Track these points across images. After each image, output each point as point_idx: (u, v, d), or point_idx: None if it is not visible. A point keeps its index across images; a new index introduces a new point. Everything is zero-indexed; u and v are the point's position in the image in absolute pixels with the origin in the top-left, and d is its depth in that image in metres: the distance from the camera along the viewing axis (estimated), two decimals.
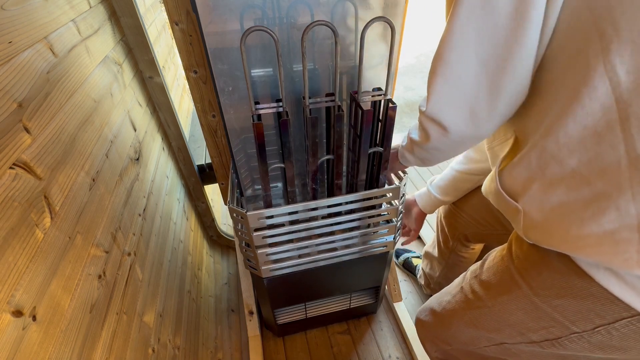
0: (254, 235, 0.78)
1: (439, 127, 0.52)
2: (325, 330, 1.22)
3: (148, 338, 0.70)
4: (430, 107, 0.50)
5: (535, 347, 0.53)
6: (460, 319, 0.65)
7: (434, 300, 0.76)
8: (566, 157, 0.40)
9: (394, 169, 0.82)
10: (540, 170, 0.44)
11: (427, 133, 0.55)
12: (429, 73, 0.49)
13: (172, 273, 0.93)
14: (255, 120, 0.64)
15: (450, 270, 1.11)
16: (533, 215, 0.46)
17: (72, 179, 0.55)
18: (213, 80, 0.73)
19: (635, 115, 0.34)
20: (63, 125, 0.56)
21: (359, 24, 0.72)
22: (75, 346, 0.47)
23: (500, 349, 0.60)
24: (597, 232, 0.38)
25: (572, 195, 0.40)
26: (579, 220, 0.40)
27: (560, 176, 0.41)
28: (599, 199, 0.38)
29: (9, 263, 0.39)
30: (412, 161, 0.68)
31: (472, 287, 0.62)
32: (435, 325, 0.74)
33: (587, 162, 0.38)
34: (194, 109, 1.14)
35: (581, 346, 0.47)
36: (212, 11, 0.65)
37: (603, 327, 0.43)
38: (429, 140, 0.56)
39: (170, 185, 1.10)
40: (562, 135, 0.40)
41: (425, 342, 0.82)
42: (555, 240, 0.43)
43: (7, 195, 0.41)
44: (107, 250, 0.61)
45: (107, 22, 0.85)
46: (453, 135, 0.51)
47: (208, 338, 1.07)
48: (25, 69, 0.50)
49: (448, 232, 1.03)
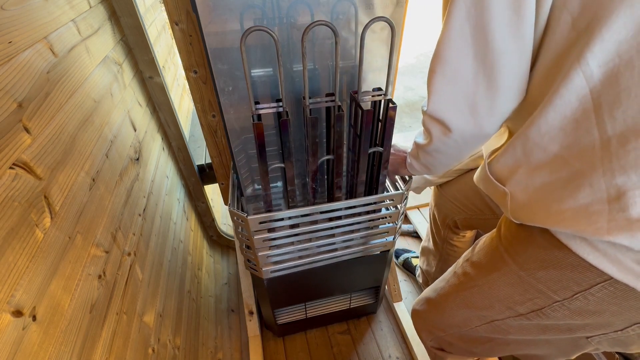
0: (255, 238, 0.78)
1: (441, 126, 0.53)
2: (325, 330, 1.22)
3: (148, 338, 0.70)
4: (431, 106, 0.51)
5: (522, 319, 0.56)
6: (453, 302, 0.68)
7: (429, 289, 0.78)
8: (549, 144, 0.44)
9: (399, 172, 0.82)
10: (525, 156, 0.47)
11: (429, 133, 0.56)
12: (429, 72, 0.50)
13: (172, 273, 0.93)
14: (255, 120, 0.64)
15: (445, 263, 1.13)
16: (519, 196, 0.49)
17: (72, 179, 0.55)
18: (213, 80, 0.73)
19: (607, 102, 0.38)
20: (63, 125, 0.56)
21: (359, 24, 0.72)
22: (75, 346, 0.47)
23: (491, 326, 0.63)
24: (573, 207, 0.42)
25: (553, 177, 0.44)
26: (559, 197, 0.44)
27: (544, 161, 0.45)
28: (575, 177, 0.42)
29: (9, 263, 0.39)
30: (418, 168, 0.69)
31: (464, 270, 0.65)
32: (430, 313, 0.76)
33: (567, 147, 0.42)
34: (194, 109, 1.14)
35: (562, 314, 0.50)
36: (212, 11, 0.65)
37: (580, 293, 0.46)
38: (432, 141, 0.57)
39: (170, 185, 1.10)
40: (543, 124, 0.43)
41: (421, 332, 0.84)
42: (538, 217, 0.47)
43: (7, 195, 0.41)
44: (107, 250, 0.61)
45: (107, 22, 0.85)
46: (455, 134, 0.52)
47: (208, 338, 1.07)
48: (25, 69, 0.49)
49: (439, 220, 1.06)
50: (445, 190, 1.00)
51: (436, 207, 1.06)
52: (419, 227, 1.57)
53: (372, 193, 0.89)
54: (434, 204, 1.07)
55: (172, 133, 1.16)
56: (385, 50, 0.76)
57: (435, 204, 1.06)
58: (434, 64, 0.48)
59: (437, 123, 0.53)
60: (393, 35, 0.62)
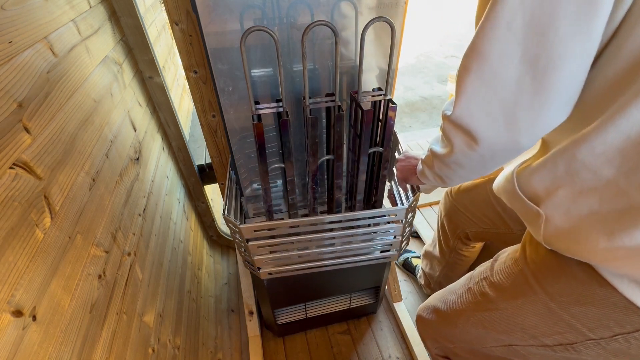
0: (250, 244, 0.77)
1: (466, 136, 0.45)
2: (325, 331, 1.22)
3: (148, 338, 0.70)
4: (458, 111, 0.43)
5: (547, 350, 0.53)
6: (467, 319, 0.64)
7: (437, 298, 0.75)
8: (602, 167, 0.37)
9: (409, 180, 0.76)
10: (569, 177, 0.41)
11: (451, 143, 0.48)
12: (460, 70, 0.42)
13: (172, 273, 0.93)
14: (255, 120, 0.64)
15: (451, 270, 1.11)
16: (557, 222, 0.43)
17: (72, 179, 0.55)
18: (213, 80, 0.73)
19: None
20: (63, 125, 0.56)
21: (359, 24, 0.72)
22: (75, 346, 0.47)
23: (508, 350, 0.60)
24: (629, 246, 0.37)
25: (604, 206, 0.38)
26: (610, 231, 0.38)
27: (594, 186, 0.39)
28: (634, 211, 0.36)
29: (9, 263, 0.39)
30: (431, 178, 0.62)
31: (481, 289, 0.61)
32: (438, 324, 0.73)
33: (626, 174, 0.36)
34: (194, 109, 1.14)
35: (596, 352, 0.47)
36: (212, 11, 0.65)
37: (622, 335, 0.43)
38: (453, 152, 0.49)
39: (170, 185, 1.10)
40: (599, 144, 0.37)
41: (426, 339, 0.81)
42: (581, 250, 0.41)
43: (7, 195, 0.41)
44: (107, 250, 0.61)
45: (107, 22, 0.85)
46: (482, 147, 0.45)
47: (208, 338, 1.07)
48: (26, 69, 0.49)
49: (449, 231, 1.03)
50: (457, 200, 0.96)
51: (446, 216, 1.02)
52: (419, 227, 1.57)
53: (372, 196, 0.89)
54: (444, 213, 1.03)
55: (172, 133, 1.16)
56: (385, 50, 0.76)
57: (445, 214, 1.02)
58: (469, 59, 0.40)
59: (461, 132, 0.45)
60: (393, 35, 0.63)
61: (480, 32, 0.38)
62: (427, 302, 0.79)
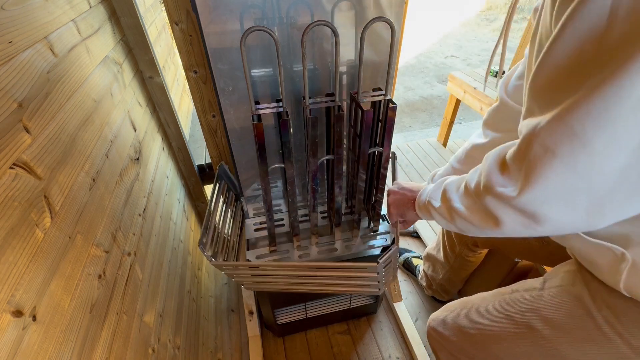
0: (235, 273, 0.77)
1: (527, 218, 0.38)
2: (326, 331, 1.22)
3: (148, 338, 0.70)
4: (529, 197, 0.36)
5: None
6: (508, 349, 0.59)
7: (459, 315, 0.70)
8: None
9: (405, 215, 0.71)
10: None
11: (499, 220, 0.41)
12: (537, 149, 0.34)
13: (172, 273, 0.93)
14: (255, 121, 0.64)
15: (455, 274, 1.10)
16: None
17: (72, 179, 0.55)
18: (213, 80, 0.73)
19: None
20: (63, 125, 0.56)
21: (359, 24, 0.72)
22: (75, 346, 0.47)
23: None
24: None
25: None
26: None
27: None
28: None
29: (9, 263, 0.39)
30: (438, 221, 0.56)
31: (529, 322, 0.55)
32: (463, 343, 0.68)
33: None
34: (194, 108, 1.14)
35: None
36: (212, 11, 0.65)
37: None
38: (499, 226, 0.42)
39: (170, 185, 1.10)
40: None
41: (441, 353, 0.77)
42: None
43: (7, 195, 0.41)
44: (107, 250, 0.61)
45: (107, 22, 0.85)
46: (544, 229, 0.38)
47: (208, 338, 1.07)
48: (26, 69, 0.49)
49: (456, 238, 1.01)
50: None
51: None
52: (419, 227, 1.57)
53: (372, 195, 0.89)
54: None
55: (172, 133, 1.16)
56: (385, 50, 0.76)
57: None
58: (555, 141, 0.32)
59: (524, 215, 0.38)
60: (393, 35, 0.63)
61: (579, 111, 0.30)
62: (444, 317, 0.74)
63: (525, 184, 0.36)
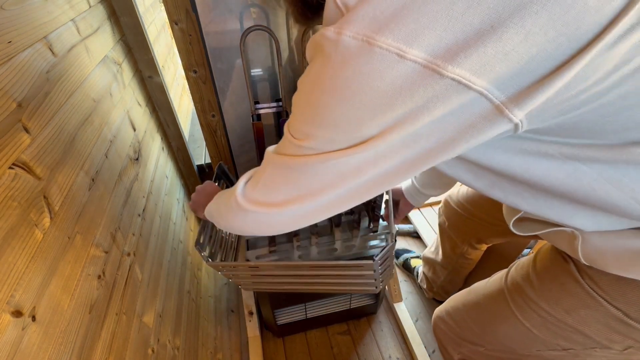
0: (232, 273, 0.76)
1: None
2: (326, 331, 1.22)
3: (147, 338, 0.69)
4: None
5: (614, 353, 0.51)
6: (512, 327, 0.61)
7: (463, 304, 0.71)
8: None
9: (197, 213, 0.73)
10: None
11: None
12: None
13: (171, 273, 0.92)
14: (254, 120, 0.64)
15: (456, 274, 1.10)
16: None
17: (72, 179, 0.55)
18: (213, 80, 0.73)
19: None
20: (62, 125, 0.56)
21: None
22: (74, 346, 0.47)
23: (563, 353, 0.57)
24: None
25: None
26: None
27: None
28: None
29: (9, 263, 0.39)
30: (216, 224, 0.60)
31: (527, 296, 0.58)
32: (468, 329, 0.70)
33: None
34: (193, 108, 1.14)
35: None
36: (212, 11, 0.65)
37: None
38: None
39: (169, 185, 1.09)
40: None
41: (448, 344, 0.77)
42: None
43: (6, 195, 0.41)
44: (106, 250, 0.61)
45: (107, 21, 0.85)
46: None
47: (208, 338, 1.07)
48: (25, 69, 0.49)
49: (457, 238, 1.00)
50: (462, 208, 0.93)
51: (453, 226, 0.99)
52: (419, 227, 1.57)
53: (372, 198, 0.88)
54: (448, 223, 1.01)
55: (172, 133, 1.16)
56: None
57: (451, 224, 1.00)
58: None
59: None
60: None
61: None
62: (450, 307, 0.75)
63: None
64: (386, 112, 0.29)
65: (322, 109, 0.32)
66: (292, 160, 0.38)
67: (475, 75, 0.26)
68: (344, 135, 0.33)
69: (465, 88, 0.26)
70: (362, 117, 0.30)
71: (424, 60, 0.26)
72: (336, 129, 0.33)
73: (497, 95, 0.27)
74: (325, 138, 0.34)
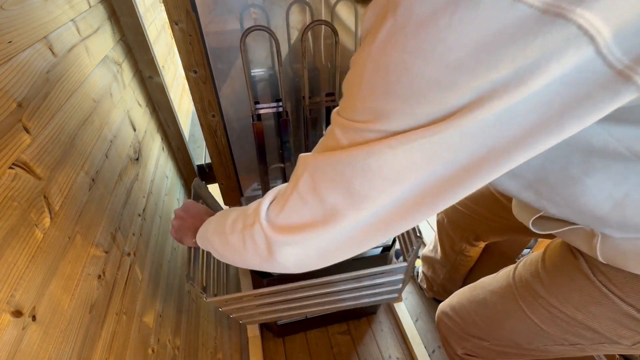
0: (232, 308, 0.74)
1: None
2: (325, 331, 1.22)
3: (148, 338, 0.69)
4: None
5: (622, 348, 0.52)
6: (519, 322, 0.61)
7: (468, 299, 0.71)
8: None
9: (183, 241, 0.71)
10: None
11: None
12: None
13: (172, 273, 0.92)
14: (254, 120, 0.64)
15: (456, 272, 1.10)
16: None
17: (72, 179, 0.55)
18: (213, 80, 0.73)
19: None
20: (63, 125, 0.56)
21: (358, 24, 0.72)
22: (75, 346, 0.47)
23: (570, 347, 0.57)
24: None
25: None
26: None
27: None
28: None
29: (9, 263, 0.39)
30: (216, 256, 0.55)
31: (535, 293, 0.57)
32: (474, 324, 0.70)
33: None
34: (193, 108, 1.14)
35: None
36: (212, 11, 0.65)
37: None
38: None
39: (170, 185, 1.10)
40: None
41: (451, 339, 0.77)
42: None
43: (6, 195, 0.41)
44: (106, 250, 0.61)
45: (107, 21, 0.85)
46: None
47: (208, 338, 1.07)
48: (25, 69, 0.49)
49: (455, 235, 1.00)
50: (466, 206, 0.92)
51: (452, 222, 0.99)
52: (419, 227, 1.57)
53: None
54: (446, 219, 1.01)
55: (172, 133, 1.16)
56: None
57: (449, 220, 1.00)
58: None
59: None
60: None
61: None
62: (454, 302, 0.75)
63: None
64: (489, 72, 0.23)
65: (402, 73, 0.25)
66: (345, 153, 0.30)
67: (604, 22, 0.20)
68: (429, 106, 0.26)
69: (589, 41, 0.20)
70: (456, 79, 0.24)
71: (543, 3, 0.20)
72: (419, 98, 0.25)
73: (619, 57, 0.21)
74: (405, 112, 0.26)
